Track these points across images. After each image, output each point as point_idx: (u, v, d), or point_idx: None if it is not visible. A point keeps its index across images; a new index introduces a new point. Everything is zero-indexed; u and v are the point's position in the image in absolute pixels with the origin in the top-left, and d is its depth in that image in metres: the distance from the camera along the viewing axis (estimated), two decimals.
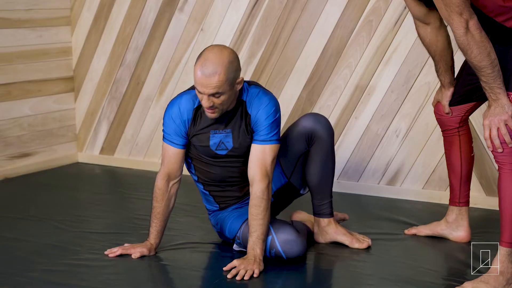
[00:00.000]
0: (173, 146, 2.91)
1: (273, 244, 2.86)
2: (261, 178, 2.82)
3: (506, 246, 2.63)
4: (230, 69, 2.70)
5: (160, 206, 2.94)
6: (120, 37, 4.49)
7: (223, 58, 2.70)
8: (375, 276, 2.80)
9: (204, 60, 2.70)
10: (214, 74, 2.67)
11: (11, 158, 4.33)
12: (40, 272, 2.80)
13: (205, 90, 2.70)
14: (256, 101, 2.86)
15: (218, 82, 2.68)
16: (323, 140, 3.01)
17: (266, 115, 2.84)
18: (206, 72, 2.68)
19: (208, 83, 2.68)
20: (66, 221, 3.43)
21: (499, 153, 2.59)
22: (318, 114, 3.06)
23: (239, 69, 2.77)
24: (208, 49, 2.75)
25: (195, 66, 2.72)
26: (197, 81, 2.71)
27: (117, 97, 4.57)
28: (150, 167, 4.45)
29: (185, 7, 4.28)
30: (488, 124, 2.57)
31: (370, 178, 3.96)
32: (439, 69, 3.00)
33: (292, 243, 2.86)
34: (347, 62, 3.92)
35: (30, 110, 4.42)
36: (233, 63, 2.72)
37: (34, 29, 4.40)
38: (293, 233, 2.88)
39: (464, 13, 2.45)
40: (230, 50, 2.76)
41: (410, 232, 3.25)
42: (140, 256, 2.93)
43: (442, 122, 3.09)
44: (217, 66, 2.68)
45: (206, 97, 2.72)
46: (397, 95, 3.85)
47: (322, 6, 3.94)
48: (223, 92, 2.71)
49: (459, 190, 3.11)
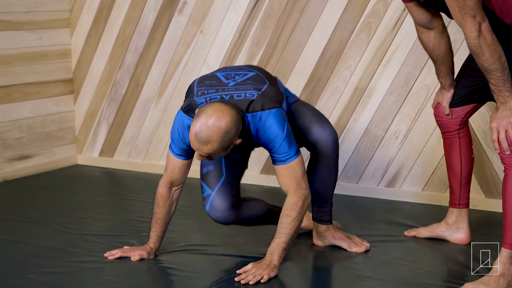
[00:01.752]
0: (179, 158, 2.88)
1: (207, 199, 2.96)
2: (294, 191, 2.78)
3: (508, 248, 2.62)
4: (226, 137, 2.62)
5: (162, 212, 2.93)
6: (120, 39, 4.49)
7: (220, 128, 2.60)
8: (374, 278, 2.80)
9: (201, 125, 2.60)
10: (208, 142, 2.60)
11: (11, 160, 4.33)
12: (39, 274, 2.80)
13: (197, 151, 2.66)
14: (259, 127, 2.75)
15: (211, 150, 2.63)
16: (326, 155, 2.98)
17: (273, 137, 2.74)
18: (200, 138, 2.60)
19: (201, 148, 2.63)
20: (66, 223, 3.43)
21: (506, 155, 2.58)
22: (326, 124, 3.00)
23: (238, 133, 2.68)
24: (209, 111, 2.63)
25: (192, 123, 2.64)
26: (191, 141, 2.65)
27: (117, 99, 4.57)
28: (150, 169, 4.45)
29: (184, 9, 4.28)
30: (496, 127, 2.57)
31: (370, 179, 3.96)
32: (441, 72, 2.99)
33: (219, 212, 2.95)
34: (347, 63, 3.92)
35: (29, 112, 4.42)
36: (231, 131, 2.63)
37: (34, 31, 4.40)
38: (227, 205, 2.95)
39: (477, 16, 2.46)
40: (230, 117, 2.63)
41: (410, 234, 3.25)
42: (140, 259, 2.93)
43: (442, 124, 3.08)
44: (212, 135, 2.60)
45: (198, 154, 2.68)
46: (397, 97, 3.85)
47: (322, 7, 3.94)
48: (216, 154, 2.67)
49: (459, 192, 3.11)
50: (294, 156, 2.77)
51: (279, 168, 2.79)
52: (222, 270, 2.88)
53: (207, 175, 2.99)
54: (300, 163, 2.79)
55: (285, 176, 2.78)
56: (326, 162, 2.99)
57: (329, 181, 3.04)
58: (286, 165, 2.77)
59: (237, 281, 2.70)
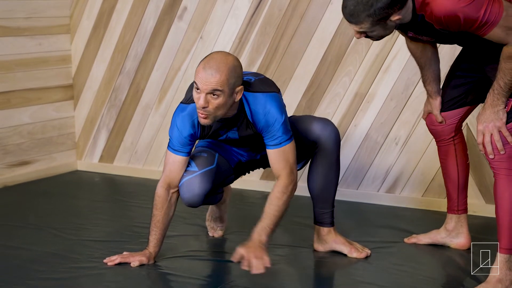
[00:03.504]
0: (177, 154, 2.90)
1: (189, 173, 2.91)
2: (286, 176, 2.80)
3: (504, 253, 2.63)
4: (233, 72, 2.69)
5: (160, 214, 2.94)
6: (120, 45, 4.50)
7: (228, 61, 2.69)
8: (374, 284, 2.79)
9: (209, 58, 2.71)
10: (217, 72, 2.66)
11: (11, 166, 4.33)
12: (39, 281, 2.79)
13: (204, 86, 2.66)
14: (258, 109, 2.81)
15: (219, 81, 2.66)
16: (328, 151, 3.00)
17: (271, 123, 2.80)
18: (209, 68, 2.66)
19: (209, 79, 2.65)
20: (65, 229, 3.43)
21: (494, 159, 2.60)
22: (327, 121, 3.04)
23: (241, 77, 2.75)
24: (214, 52, 2.78)
25: (199, 65, 2.71)
26: (198, 77, 2.68)
27: (117, 105, 4.57)
28: (150, 175, 4.45)
29: (184, 15, 4.29)
30: (482, 130, 2.60)
31: (370, 185, 3.96)
32: (427, 79, 3.02)
33: (193, 195, 2.91)
34: (346, 69, 3.93)
35: (29, 118, 4.42)
36: (236, 68, 2.71)
37: (34, 37, 4.41)
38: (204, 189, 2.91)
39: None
40: (235, 57, 2.76)
41: (410, 241, 3.25)
42: (139, 265, 2.92)
43: (437, 132, 3.08)
44: (220, 65, 2.67)
45: (203, 96, 2.67)
46: (396, 103, 3.85)
47: (321, 14, 3.95)
48: (221, 92, 2.67)
49: (457, 198, 3.11)
50: (288, 140, 2.81)
51: (273, 152, 2.82)
52: (221, 276, 2.88)
53: (199, 157, 2.99)
54: (293, 148, 2.83)
55: (279, 160, 2.81)
56: (328, 159, 3.00)
57: (331, 180, 3.04)
58: (281, 148, 2.81)
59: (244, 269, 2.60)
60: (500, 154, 2.59)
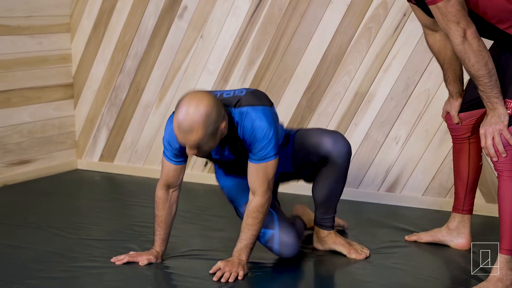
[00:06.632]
0: (172, 163, 2.89)
1: (272, 239, 2.93)
2: (262, 193, 2.80)
3: (505, 254, 2.63)
4: (208, 122, 2.60)
5: (162, 215, 2.94)
6: (120, 44, 4.49)
7: (200, 113, 2.59)
8: (375, 283, 2.79)
9: (182, 116, 2.60)
10: (191, 132, 2.60)
11: (11, 165, 4.33)
12: (39, 280, 2.79)
13: (185, 143, 2.65)
14: (247, 124, 2.75)
15: (197, 139, 2.62)
16: (338, 166, 2.98)
17: (259, 138, 2.75)
18: (183, 131, 2.61)
19: (187, 139, 2.62)
20: (66, 228, 3.43)
21: (497, 161, 2.60)
22: (338, 135, 2.99)
23: (220, 116, 2.66)
24: (185, 102, 2.63)
25: (174, 117, 2.64)
26: (176, 135, 2.66)
27: (117, 104, 4.57)
28: (150, 174, 4.45)
29: (184, 14, 4.28)
30: (483, 133, 2.60)
31: (370, 185, 3.96)
32: (448, 78, 2.96)
33: (290, 246, 2.94)
34: (347, 69, 3.92)
35: (29, 117, 4.42)
36: (212, 114, 2.61)
37: (34, 36, 4.40)
38: (294, 237, 2.95)
39: (461, 22, 2.46)
40: (207, 101, 2.62)
41: (411, 239, 3.25)
42: (148, 263, 2.93)
43: (454, 129, 3.06)
44: (194, 124, 2.59)
45: (187, 148, 2.66)
46: (397, 102, 3.85)
47: (322, 13, 3.94)
48: (204, 143, 2.65)
49: (463, 198, 3.10)
50: (273, 157, 2.78)
51: (255, 166, 2.79)
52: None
53: None
54: (275, 165, 2.80)
55: (258, 176, 2.79)
56: (337, 171, 2.99)
57: (337, 190, 3.04)
58: (263, 164, 2.78)
59: (215, 280, 2.74)
60: (503, 157, 2.59)
